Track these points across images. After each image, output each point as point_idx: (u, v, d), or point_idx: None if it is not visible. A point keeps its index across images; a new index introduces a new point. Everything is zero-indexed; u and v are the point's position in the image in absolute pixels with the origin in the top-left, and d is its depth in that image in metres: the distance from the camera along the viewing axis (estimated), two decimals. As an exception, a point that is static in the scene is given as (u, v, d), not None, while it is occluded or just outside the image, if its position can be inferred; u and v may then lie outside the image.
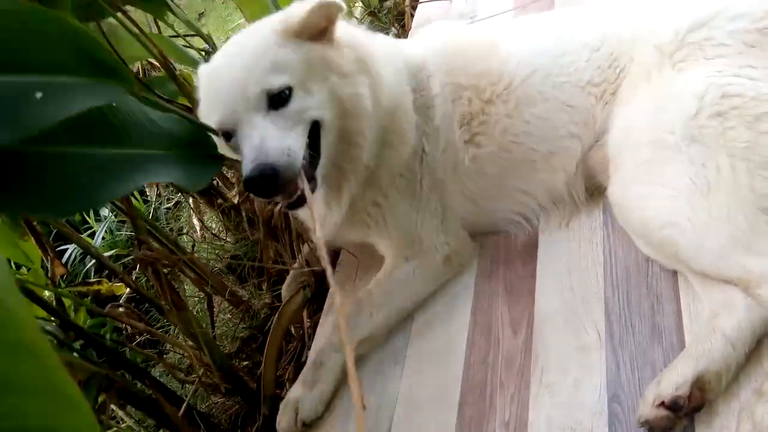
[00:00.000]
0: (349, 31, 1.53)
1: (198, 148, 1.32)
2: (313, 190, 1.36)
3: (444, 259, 1.64)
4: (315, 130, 1.41)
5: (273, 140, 1.30)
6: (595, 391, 1.28)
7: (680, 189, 1.28)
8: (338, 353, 1.54)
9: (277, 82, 1.35)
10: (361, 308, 1.59)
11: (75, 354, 1.44)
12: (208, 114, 1.43)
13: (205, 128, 1.36)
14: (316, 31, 1.42)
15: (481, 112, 1.62)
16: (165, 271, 1.31)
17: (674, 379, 1.14)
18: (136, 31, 1.85)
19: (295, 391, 1.53)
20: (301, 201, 1.34)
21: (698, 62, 1.37)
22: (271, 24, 1.45)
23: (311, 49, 1.41)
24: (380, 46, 1.63)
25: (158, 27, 2.72)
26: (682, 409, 1.11)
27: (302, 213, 1.71)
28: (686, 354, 1.20)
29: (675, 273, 1.40)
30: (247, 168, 1.27)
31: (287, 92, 1.35)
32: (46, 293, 2.05)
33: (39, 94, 0.88)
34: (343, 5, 1.43)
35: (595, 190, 1.63)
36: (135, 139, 1.13)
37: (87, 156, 1.06)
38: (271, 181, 1.26)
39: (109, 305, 1.69)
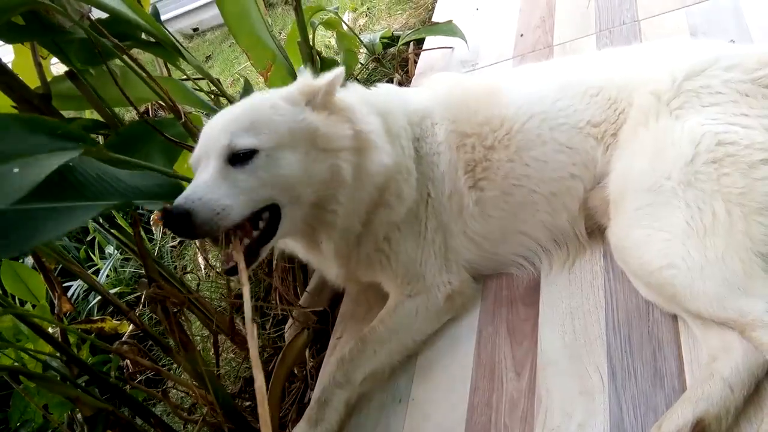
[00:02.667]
0: (349, 101, 1.58)
1: (167, 197, 1.38)
2: (249, 265, 1.38)
3: (446, 298, 1.67)
4: (277, 209, 1.45)
5: (208, 193, 1.33)
6: (599, 435, 1.28)
7: (677, 232, 1.31)
8: (342, 390, 1.56)
9: (244, 141, 1.39)
10: (365, 345, 1.61)
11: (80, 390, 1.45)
12: (194, 151, 1.50)
13: (175, 179, 1.43)
14: (324, 103, 1.51)
15: (484, 158, 1.66)
16: (174, 309, 1.33)
17: (675, 422, 1.16)
18: (144, 75, 1.92)
19: (299, 429, 1.53)
20: (235, 270, 1.34)
21: (694, 110, 1.42)
22: (281, 90, 1.55)
23: (309, 119, 1.48)
24: (378, 105, 1.68)
25: (168, 69, 2.80)
26: (683, 452, 1.12)
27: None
28: (686, 397, 1.21)
29: (676, 317, 1.42)
30: (174, 203, 1.31)
31: (250, 153, 1.39)
32: (50, 329, 2.06)
33: (16, 169, 1.03)
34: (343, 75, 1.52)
35: (595, 230, 1.66)
36: (90, 194, 1.21)
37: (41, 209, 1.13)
38: (180, 223, 1.29)
39: (117, 342, 1.70)
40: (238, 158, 1.39)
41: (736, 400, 1.17)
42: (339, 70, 1.51)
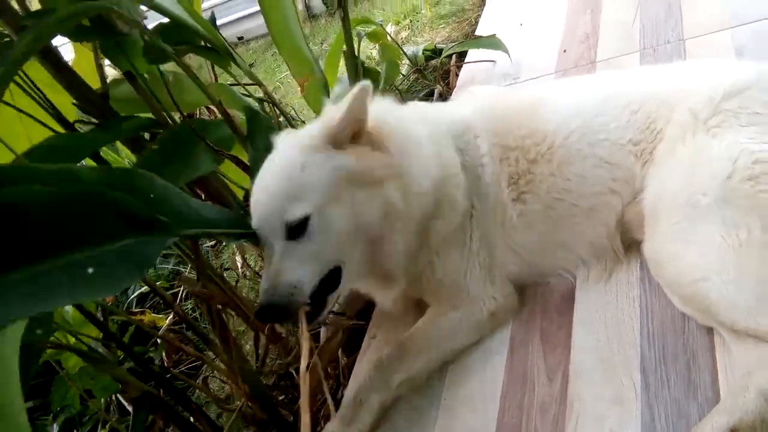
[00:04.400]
0: (382, 118, 1.54)
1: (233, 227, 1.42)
2: (318, 315, 1.49)
3: (489, 314, 1.68)
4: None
5: (283, 276, 1.40)
6: (631, 443, 1.29)
7: (712, 247, 1.32)
8: (378, 394, 1.58)
9: (295, 213, 1.40)
10: (403, 351, 1.64)
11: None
12: (254, 222, 1.50)
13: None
14: (349, 135, 1.47)
15: (527, 171, 1.68)
16: (219, 308, 1.39)
17: (709, 431, 1.16)
18: (199, 80, 2.01)
19: (332, 426, 1.56)
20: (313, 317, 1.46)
21: (732, 129, 1.43)
22: (301, 140, 1.51)
23: (340, 162, 1.44)
24: (417, 118, 1.69)
25: (215, 75, 2.90)
26: (716, 461, 1.12)
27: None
28: (720, 407, 1.22)
29: (711, 329, 1.42)
30: (260, 299, 1.40)
31: (305, 221, 1.41)
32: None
33: (90, 270, 0.96)
34: (370, 88, 1.44)
35: (631, 244, 1.67)
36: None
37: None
38: (276, 315, 1.41)
39: (162, 329, 1.78)
40: (295, 231, 1.42)
41: None
42: (357, 90, 1.41)
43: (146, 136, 2.09)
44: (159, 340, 1.72)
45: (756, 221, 1.29)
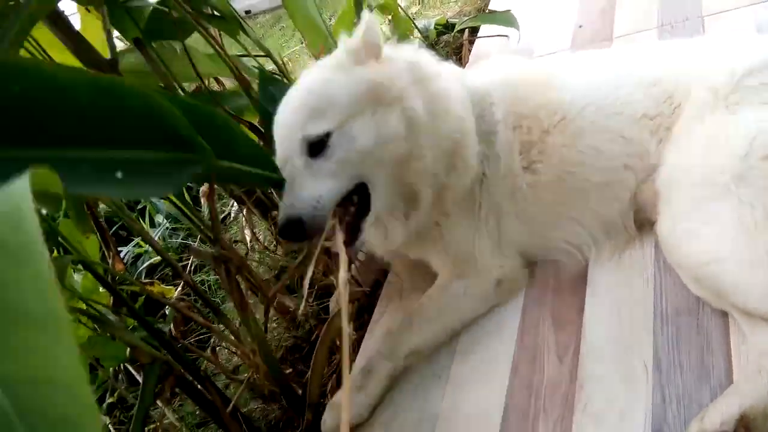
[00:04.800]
0: (405, 51, 1.60)
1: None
2: (354, 241, 1.46)
3: (496, 282, 1.68)
4: (364, 184, 1.48)
5: (304, 190, 1.40)
6: (640, 424, 1.28)
7: (727, 227, 1.30)
8: (388, 362, 1.60)
9: (315, 129, 1.42)
10: (411, 321, 1.65)
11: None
12: (277, 153, 1.53)
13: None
14: (368, 57, 1.49)
15: (540, 141, 1.66)
16: (234, 272, 1.38)
17: (719, 415, 1.15)
18: (215, 46, 1.98)
19: (341, 396, 1.58)
20: (352, 240, 1.45)
21: (752, 106, 1.40)
22: (323, 63, 1.56)
23: (362, 76, 1.47)
24: (442, 68, 1.69)
25: (222, 44, 2.86)
26: (726, 445, 1.11)
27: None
28: (732, 391, 1.21)
29: (725, 314, 1.40)
30: (280, 216, 1.39)
31: (325, 138, 1.42)
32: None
33: (119, 174, 0.96)
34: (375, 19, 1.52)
35: (644, 223, 1.65)
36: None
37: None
38: (298, 231, 1.37)
39: (173, 297, 1.78)
40: (315, 147, 1.42)
41: None
42: (368, 17, 1.49)
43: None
44: (168, 310, 1.72)
45: None
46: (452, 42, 3.25)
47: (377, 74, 1.47)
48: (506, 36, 2.97)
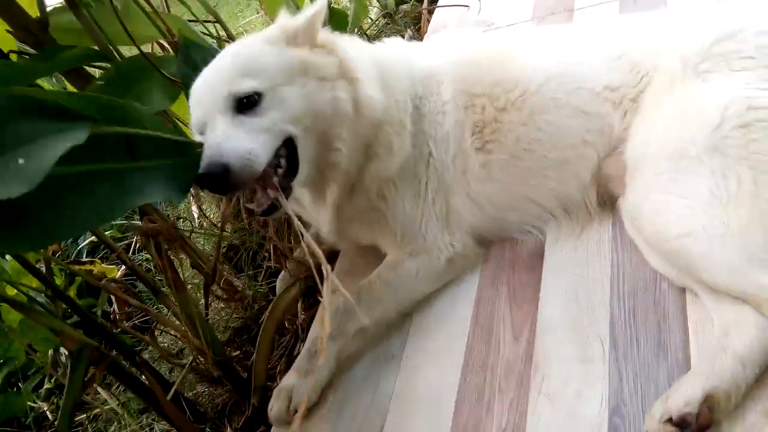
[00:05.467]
0: (336, 40, 1.55)
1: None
2: (287, 197, 1.39)
3: (447, 260, 1.63)
4: (292, 143, 1.44)
5: (231, 141, 1.32)
6: (597, 403, 1.25)
7: (698, 199, 1.26)
8: (334, 342, 1.52)
9: (246, 85, 1.38)
10: (360, 298, 1.57)
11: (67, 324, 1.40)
12: (192, 117, 1.46)
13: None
14: (304, 38, 1.48)
15: (494, 120, 1.61)
16: (166, 247, 1.28)
17: (683, 396, 1.11)
18: (149, 9, 1.83)
19: (288, 379, 1.51)
20: (273, 209, 1.38)
21: (723, 74, 1.36)
22: (260, 34, 1.52)
23: (293, 53, 1.46)
24: (378, 54, 1.65)
25: (168, 7, 2.69)
26: (690, 426, 1.08)
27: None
28: (696, 371, 1.17)
29: (683, 291, 1.38)
30: (202, 163, 1.28)
31: (256, 97, 1.38)
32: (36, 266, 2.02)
33: (21, 160, 0.90)
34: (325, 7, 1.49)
35: (607, 200, 1.61)
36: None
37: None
38: (221, 179, 1.27)
39: (105, 280, 1.66)
40: (244, 105, 1.37)
41: (748, 377, 1.12)
42: (320, 3, 1.47)
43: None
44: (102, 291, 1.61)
45: (747, 172, 1.23)
46: (411, 11, 3.16)
47: (308, 55, 1.47)
48: (467, 6, 2.89)
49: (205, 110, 1.40)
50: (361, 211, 1.64)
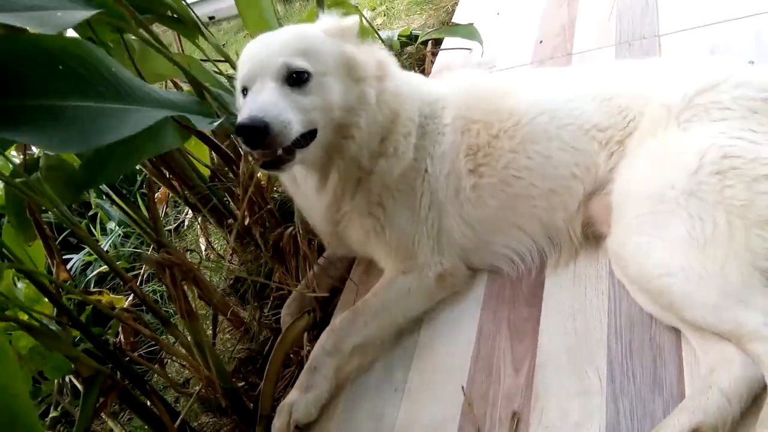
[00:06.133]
0: (376, 48, 1.74)
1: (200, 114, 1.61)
2: (286, 162, 1.51)
3: (437, 278, 1.70)
4: (314, 133, 1.56)
5: (278, 107, 1.44)
6: (594, 436, 1.28)
7: (677, 241, 1.32)
8: (331, 358, 1.60)
9: (300, 63, 1.51)
10: (356, 315, 1.66)
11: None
12: (239, 72, 1.61)
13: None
14: (351, 37, 1.65)
15: (487, 144, 1.70)
16: (180, 278, 1.33)
17: (672, 430, 1.16)
18: (165, 50, 1.92)
19: (291, 396, 1.58)
20: (275, 164, 1.49)
21: (703, 123, 1.43)
22: (320, 23, 1.68)
23: (346, 48, 1.61)
24: (403, 73, 1.81)
25: (182, 49, 2.80)
26: (680, 458, 1.12)
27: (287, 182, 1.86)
28: (683, 407, 1.21)
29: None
30: (244, 114, 1.40)
31: (306, 75, 1.51)
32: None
33: (59, 13, 1.37)
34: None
35: (595, 238, 1.66)
36: (138, 100, 1.38)
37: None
38: (259, 133, 1.39)
39: (117, 308, 1.70)
40: (293, 79, 1.50)
41: (734, 411, 1.17)
42: (355, 16, 1.69)
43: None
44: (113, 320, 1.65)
45: (722, 216, 1.29)
46: (415, 53, 3.26)
47: (358, 54, 1.62)
48: (469, 49, 3.00)
49: (257, 69, 1.52)
50: (359, 213, 1.73)
